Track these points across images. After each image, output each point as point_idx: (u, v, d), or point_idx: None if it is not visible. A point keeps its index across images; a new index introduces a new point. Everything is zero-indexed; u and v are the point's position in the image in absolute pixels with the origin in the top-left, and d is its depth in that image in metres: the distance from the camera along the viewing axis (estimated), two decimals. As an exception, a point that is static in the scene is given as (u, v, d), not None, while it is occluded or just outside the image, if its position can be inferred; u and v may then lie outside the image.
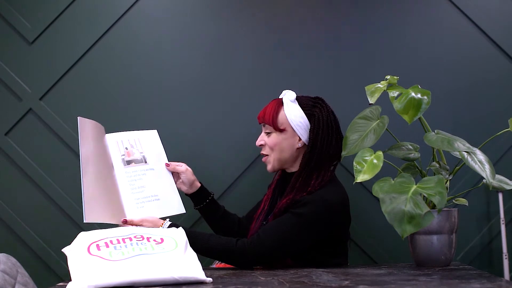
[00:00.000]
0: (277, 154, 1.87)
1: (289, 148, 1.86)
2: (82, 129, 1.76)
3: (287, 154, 1.86)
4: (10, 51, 2.37)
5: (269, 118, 1.86)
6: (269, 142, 1.87)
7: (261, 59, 2.34)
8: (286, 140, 1.85)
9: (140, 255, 1.45)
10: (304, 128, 1.84)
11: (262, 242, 1.74)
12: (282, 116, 1.85)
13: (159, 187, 1.91)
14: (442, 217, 1.71)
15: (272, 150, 1.87)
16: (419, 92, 1.73)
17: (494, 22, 2.31)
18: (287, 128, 1.85)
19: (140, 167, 1.91)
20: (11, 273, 1.62)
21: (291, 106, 1.85)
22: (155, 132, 2.01)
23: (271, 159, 1.89)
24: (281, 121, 1.85)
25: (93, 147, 1.79)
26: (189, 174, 1.96)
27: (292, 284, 1.44)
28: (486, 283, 1.39)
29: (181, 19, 2.37)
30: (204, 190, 2.00)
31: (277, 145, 1.86)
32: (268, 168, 1.91)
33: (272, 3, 2.36)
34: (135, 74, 2.36)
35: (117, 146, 1.91)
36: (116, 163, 1.88)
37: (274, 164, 1.89)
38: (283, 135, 1.85)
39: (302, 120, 1.84)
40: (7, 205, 2.33)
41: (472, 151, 1.71)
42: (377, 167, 1.67)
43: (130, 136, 1.95)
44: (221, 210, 2.03)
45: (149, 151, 1.95)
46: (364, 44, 2.33)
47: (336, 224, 1.81)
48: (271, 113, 1.86)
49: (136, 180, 1.88)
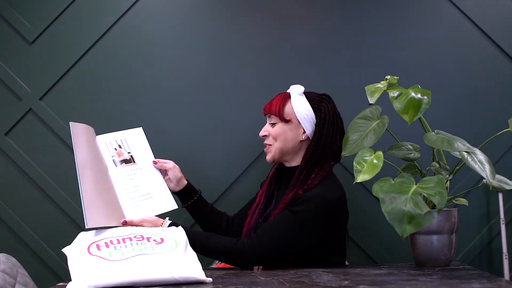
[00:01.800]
0: (280, 144, 1.87)
1: (292, 139, 1.87)
2: (75, 134, 1.73)
3: (290, 145, 1.87)
4: (10, 51, 2.37)
5: (275, 108, 1.87)
6: (273, 132, 1.88)
7: (261, 60, 2.34)
8: (291, 131, 1.86)
9: (140, 255, 1.45)
10: (309, 121, 1.85)
11: (262, 242, 1.73)
12: (289, 107, 1.87)
13: (150, 185, 1.92)
14: (442, 217, 1.71)
15: (275, 140, 1.88)
16: (419, 92, 1.73)
17: (494, 22, 2.31)
18: (293, 119, 1.86)
19: (130, 167, 1.91)
20: (11, 273, 1.62)
21: (298, 98, 1.87)
22: (140, 130, 2.00)
23: (272, 149, 1.89)
24: (287, 112, 1.86)
25: (87, 151, 1.78)
26: (176, 171, 1.96)
27: (292, 284, 1.44)
28: (486, 283, 1.39)
29: (181, 19, 2.37)
30: (191, 188, 2.00)
31: (281, 135, 1.87)
32: (268, 157, 1.91)
33: (272, 3, 2.36)
34: (135, 74, 2.36)
35: (106, 147, 1.91)
36: (108, 164, 1.88)
37: (275, 154, 1.89)
38: (288, 125, 1.86)
39: (309, 113, 1.85)
40: (7, 205, 2.33)
41: (472, 151, 1.71)
42: (377, 167, 1.67)
43: (117, 137, 1.95)
44: (209, 207, 2.03)
45: (136, 150, 1.95)
46: (364, 44, 2.33)
47: (335, 221, 1.80)
48: (278, 104, 1.87)
49: (129, 180, 1.88)
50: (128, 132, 1.98)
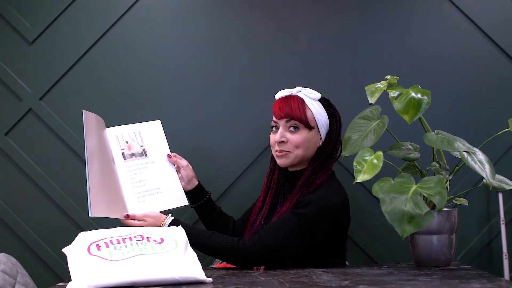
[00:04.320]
0: (302, 151, 1.81)
1: (313, 146, 1.84)
2: (86, 122, 1.76)
3: (311, 152, 1.84)
4: (10, 51, 2.37)
5: (299, 114, 1.79)
6: (296, 140, 1.80)
7: (261, 59, 2.34)
8: (313, 138, 1.83)
9: (140, 255, 1.45)
10: (325, 127, 1.85)
11: (263, 243, 1.73)
12: (310, 113, 1.82)
13: (161, 179, 1.92)
14: (442, 217, 1.71)
15: (296, 148, 1.81)
16: (419, 92, 1.73)
17: (494, 22, 2.31)
18: (315, 126, 1.84)
19: (140, 160, 1.91)
20: (11, 273, 1.62)
21: (315, 104, 1.84)
22: (158, 123, 2.00)
23: (292, 156, 1.82)
24: (309, 118, 1.82)
25: (96, 141, 1.80)
26: (189, 170, 1.97)
27: (292, 284, 1.44)
28: (486, 283, 1.39)
29: (181, 19, 2.37)
30: (202, 189, 2.00)
31: (305, 143, 1.81)
32: (285, 162, 1.83)
33: (272, 3, 2.36)
34: (135, 74, 2.36)
35: (116, 140, 1.91)
36: (116, 157, 1.88)
37: (293, 161, 1.82)
38: (312, 132, 1.83)
39: (326, 119, 1.85)
40: (7, 205, 2.33)
41: (472, 151, 1.71)
42: (377, 167, 1.67)
43: (130, 129, 1.95)
44: (217, 210, 2.03)
45: (150, 144, 1.95)
46: (364, 44, 2.33)
47: (337, 224, 1.80)
48: (299, 109, 1.80)
49: (137, 174, 1.89)
50: (144, 125, 1.98)
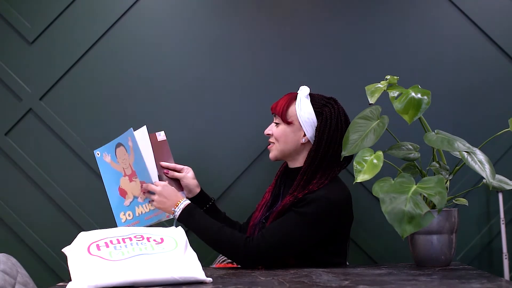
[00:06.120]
0: (281, 145, 1.90)
1: (293, 141, 1.88)
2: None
3: (290, 146, 1.89)
4: (10, 51, 2.37)
5: (280, 109, 1.89)
6: (276, 133, 1.91)
7: (261, 60, 2.34)
8: (292, 133, 1.88)
9: (140, 255, 1.45)
10: (310, 124, 1.86)
11: (266, 242, 1.74)
12: (292, 109, 1.88)
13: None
14: (442, 217, 1.71)
15: (277, 141, 1.91)
16: (419, 92, 1.73)
17: (494, 22, 2.31)
18: (294, 122, 1.87)
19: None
20: (11, 273, 1.62)
21: (302, 101, 1.88)
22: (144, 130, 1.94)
23: (274, 148, 1.93)
24: (290, 114, 1.88)
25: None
26: (188, 179, 1.97)
27: (292, 284, 1.44)
28: (486, 283, 1.39)
29: (181, 19, 2.37)
30: (204, 196, 2.00)
31: (282, 137, 1.89)
32: (270, 155, 1.95)
33: (272, 3, 2.36)
34: (135, 74, 2.36)
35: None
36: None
37: (276, 154, 1.93)
38: (289, 127, 1.88)
39: (310, 116, 1.86)
40: (7, 205, 2.33)
41: (472, 151, 1.71)
42: (377, 167, 1.67)
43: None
44: (222, 216, 2.03)
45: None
46: (364, 44, 2.33)
47: (339, 222, 1.81)
48: (282, 105, 1.89)
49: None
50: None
